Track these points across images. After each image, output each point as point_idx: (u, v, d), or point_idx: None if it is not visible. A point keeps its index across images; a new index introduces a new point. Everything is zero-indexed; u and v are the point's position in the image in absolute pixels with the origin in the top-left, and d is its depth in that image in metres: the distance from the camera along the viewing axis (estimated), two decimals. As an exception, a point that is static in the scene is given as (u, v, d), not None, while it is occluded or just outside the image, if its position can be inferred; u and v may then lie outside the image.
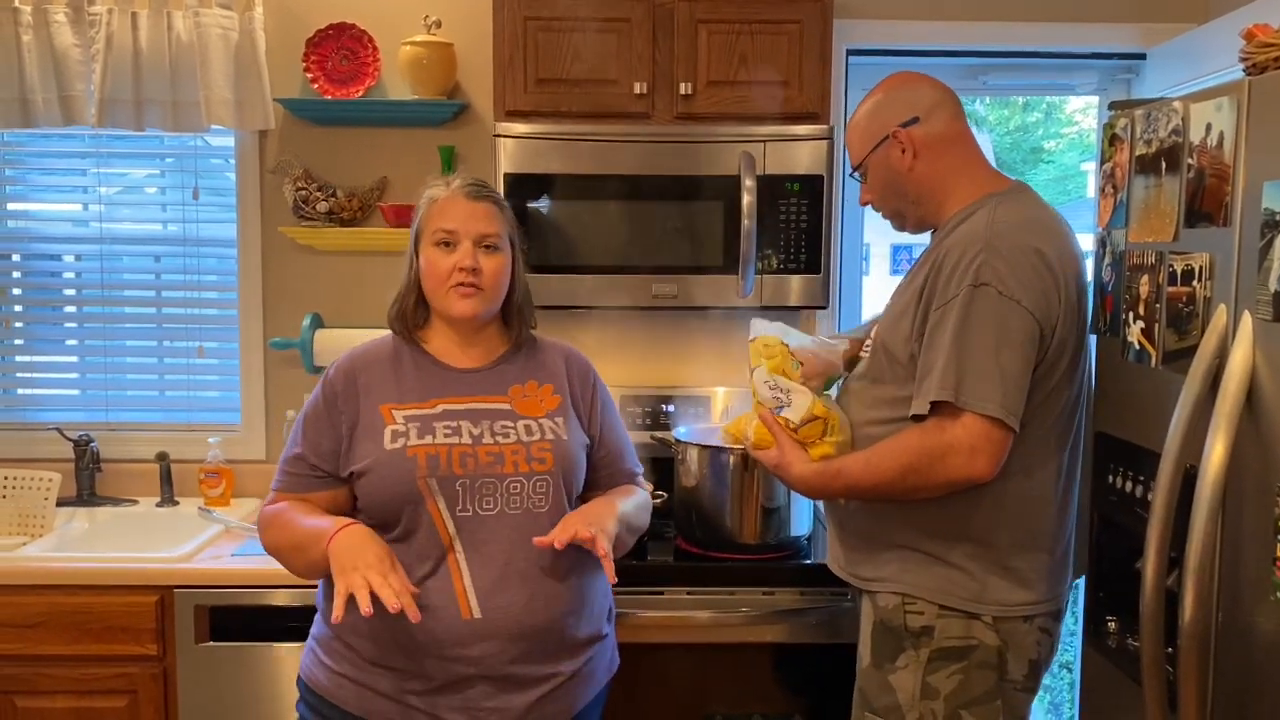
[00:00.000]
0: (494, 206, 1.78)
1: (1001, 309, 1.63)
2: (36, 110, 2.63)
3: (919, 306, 1.72)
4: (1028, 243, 1.68)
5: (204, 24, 2.62)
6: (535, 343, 1.89)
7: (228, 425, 2.89)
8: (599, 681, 1.82)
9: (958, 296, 1.65)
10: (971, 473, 1.64)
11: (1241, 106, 1.44)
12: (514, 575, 1.67)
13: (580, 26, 2.45)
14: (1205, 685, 1.48)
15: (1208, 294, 1.51)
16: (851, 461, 1.77)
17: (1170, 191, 1.62)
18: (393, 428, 1.71)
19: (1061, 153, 8.07)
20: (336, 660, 1.71)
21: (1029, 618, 1.74)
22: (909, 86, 1.86)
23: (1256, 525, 1.41)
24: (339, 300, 2.83)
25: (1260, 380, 1.41)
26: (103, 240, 2.89)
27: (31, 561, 2.34)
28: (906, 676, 1.76)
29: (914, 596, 1.76)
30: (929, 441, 1.66)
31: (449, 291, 1.74)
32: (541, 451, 1.73)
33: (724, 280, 2.47)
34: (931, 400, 1.65)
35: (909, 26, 2.80)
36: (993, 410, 1.61)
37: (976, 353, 1.63)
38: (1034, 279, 1.66)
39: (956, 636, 1.73)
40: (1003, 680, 1.74)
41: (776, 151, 2.45)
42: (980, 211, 1.75)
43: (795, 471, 1.82)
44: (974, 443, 1.62)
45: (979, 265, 1.65)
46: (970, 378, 1.62)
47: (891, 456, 1.70)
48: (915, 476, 1.67)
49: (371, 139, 2.79)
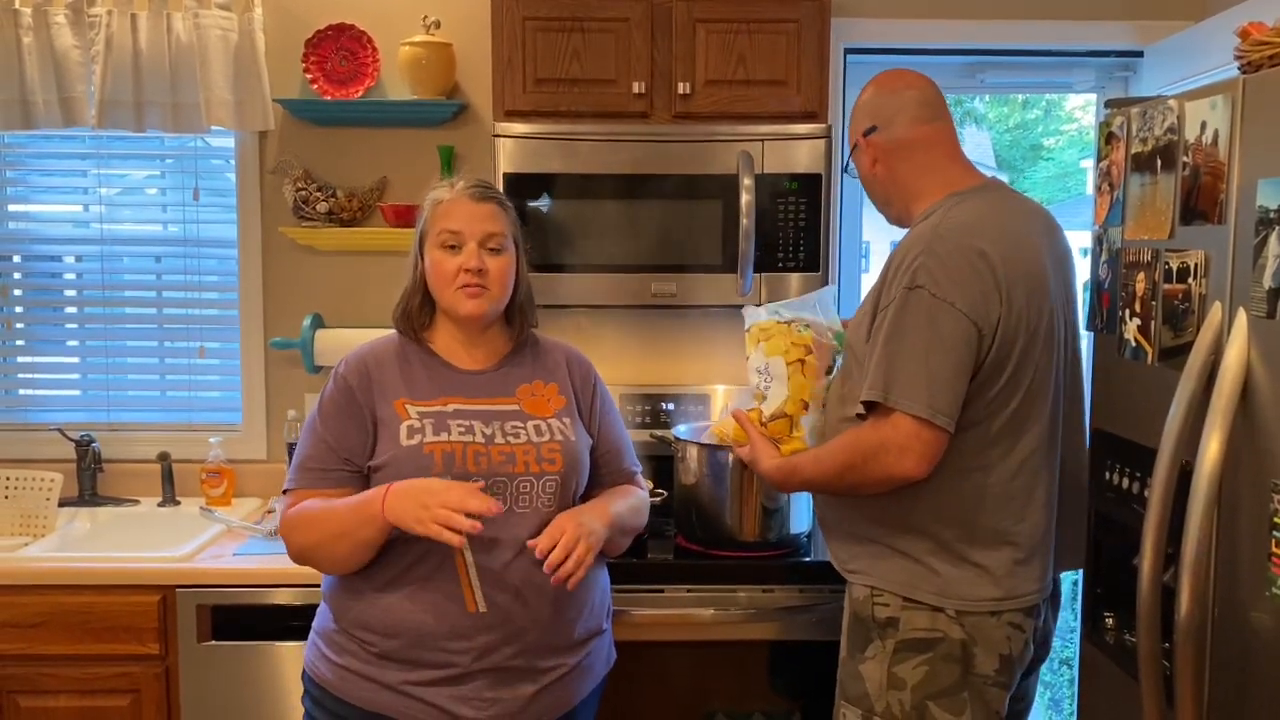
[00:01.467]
0: (498, 207, 1.80)
1: (934, 311, 1.67)
2: (37, 112, 2.63)
3: (874, 308, 1.78)
4: (969, 244, 1.70)
5: (203, 25, 2.63)
6: (537, 342, 1.91)
7: (229, 425, 2.90)
8: (598, 674, 1.85)
9: (894, 299, 1.71)
10: (901, 471, 1.68)
11: (1236, 104, 1.45)
12: (519, 572, 1.69)
13: (579, 26, 2.46)
14: (1202, 680, 1.49)
15: (1203, 291, 1.52)
16: (804, 458, 1.86)
17: (1166, 189, 1.62)
18: (408, 423, 1.73)
19: (1061, 150, 8.06)
20: (340, 654, 1.72)
21: (996, 613, 1.75)
22: (876, 93, 1.93)
23: (1252, 521, 1.42)
24: (339, 300, 2.83)
25: (1255, 376, 1.42)
26: (103, 241, 2.90)
27: (34, 562, 2.35)
28: (874, 666, 1.79)
29: (881, 589, 1.80)
30: (864, 440, 1.72)
31: (455, 292, 1.75)
32: (551, 452, 1.75)
33: (723, 279, 2.47)
34: (863, 400, 1.71)
35: (907, 25, 2.80)
36: (919, 410, 1.65)
37: (905, 355, 1.67)
38: (971, 280, 1.68)
39: (921, 629, 1.76)
40: (970, 674, 1.75)
41: (775, 150, 2.46)
42: (935, 213, 1.79)
43: (762, 466, 1.92)
44: (903, 442, 1.66)
45: (915, 268, 1.69)
46: (899, 379, 1.67)
47: (832, 454, 1.78)
48: (852, 473, 1.74)
49: (371, 139, 2.80)
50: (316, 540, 1.70)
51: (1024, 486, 1.77)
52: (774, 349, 1.94)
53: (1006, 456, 1.75)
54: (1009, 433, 1.75)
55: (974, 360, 1.69)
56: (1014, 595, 1.77)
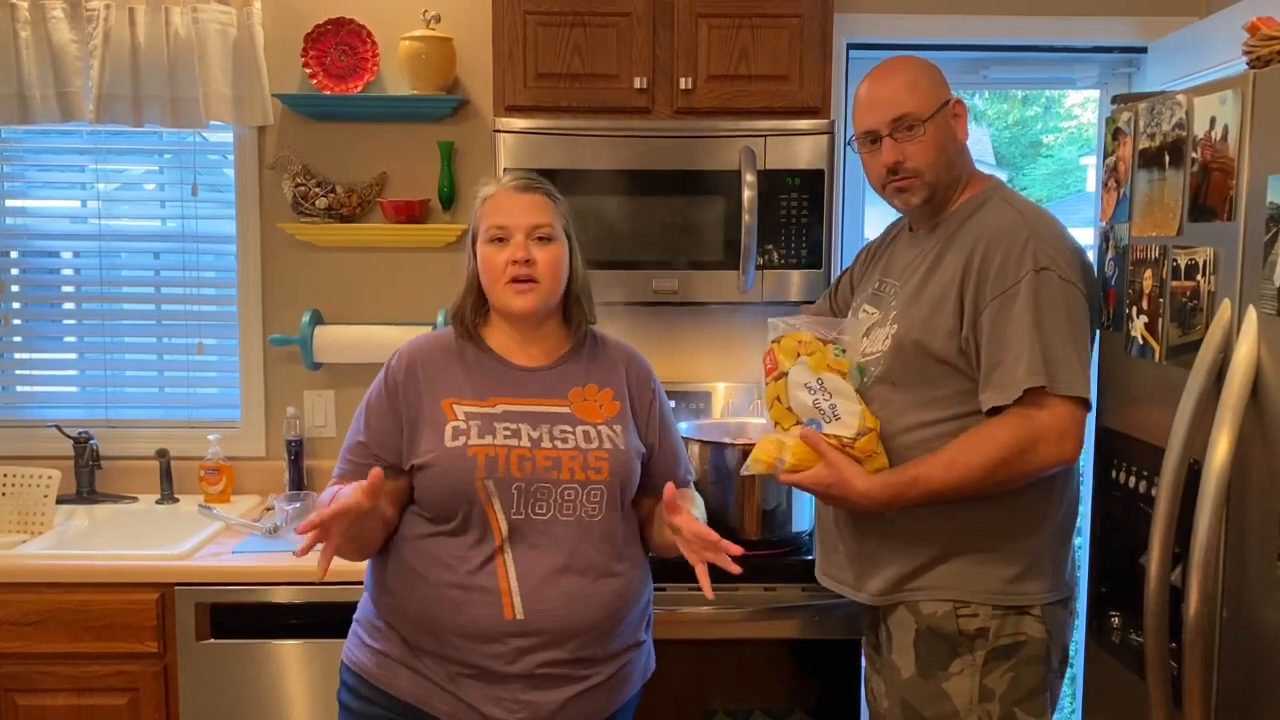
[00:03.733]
0: (545, 198, 1.78)
1: (1066, 292, 1.68)
2: (34, 106, 2.62)
3: (960, 299, 1.71)
4: (1058, 229, 1.74)
5: (202, 19, 2.61)
6: (598, 341, 1.87)
7: (227, 422, 2.88)
8: (634, 685, 1.81)
9: (1019, 283, 1.66)
10: (1062, 457, 1.66)
11: (1245, 100, 1.44)
12: (560, 581, 1.67)
13: (580, 21, 2.44)
14: (1210, 680, 1.48)
15: (1212, 289, 1.51)
16: (928, 467, 1.69)
17: (1174, 185, 1.61)
18: (454, 424, 1.71)
19: (1060, 147, 8.04)
20: (378, 639, 1.73)
21: (1065, 600, 1.79)
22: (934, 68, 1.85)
23: (1261, 520, 1.41)
24: (338, 296, 2.82)
25: (1265, 375, 1.40)
26: (101, 237, 2.88)
27: (31, 559, 2.34)
28: (962, 682, 1.74)
29: (966, 600, 1.75)
30: (1019, 432, 1.65)
31: (505, 287, 1.73)
32: (599, 461, 1.72)
33: (725, 275, 2.46)
34: (1025, 388, 1.64)
35: (910, 20, 2.79)
36: (1080, 391, 1.65)
37: (1055, 337, 1.65)
38: (1078, 262, 1.73)
39: (1009, 634, 1.74)
40: (1049, 672, 1.77)
41: (777, 146, 2.44)
42: (993, 201, 1.77)
43: (858, 487, 1.70)
44: (1063, 427, 1.64)
45: (1034, 250, 1.67)
46: (1055, 362, 1.64)
47: (980, 453, 1.66)
48: (1005, 469, 1.65)
49: (371, 134, 2.78)
50: None
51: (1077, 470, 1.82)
52: (819, 365, 1.80)
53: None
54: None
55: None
56: (1072, 580, 1.81)
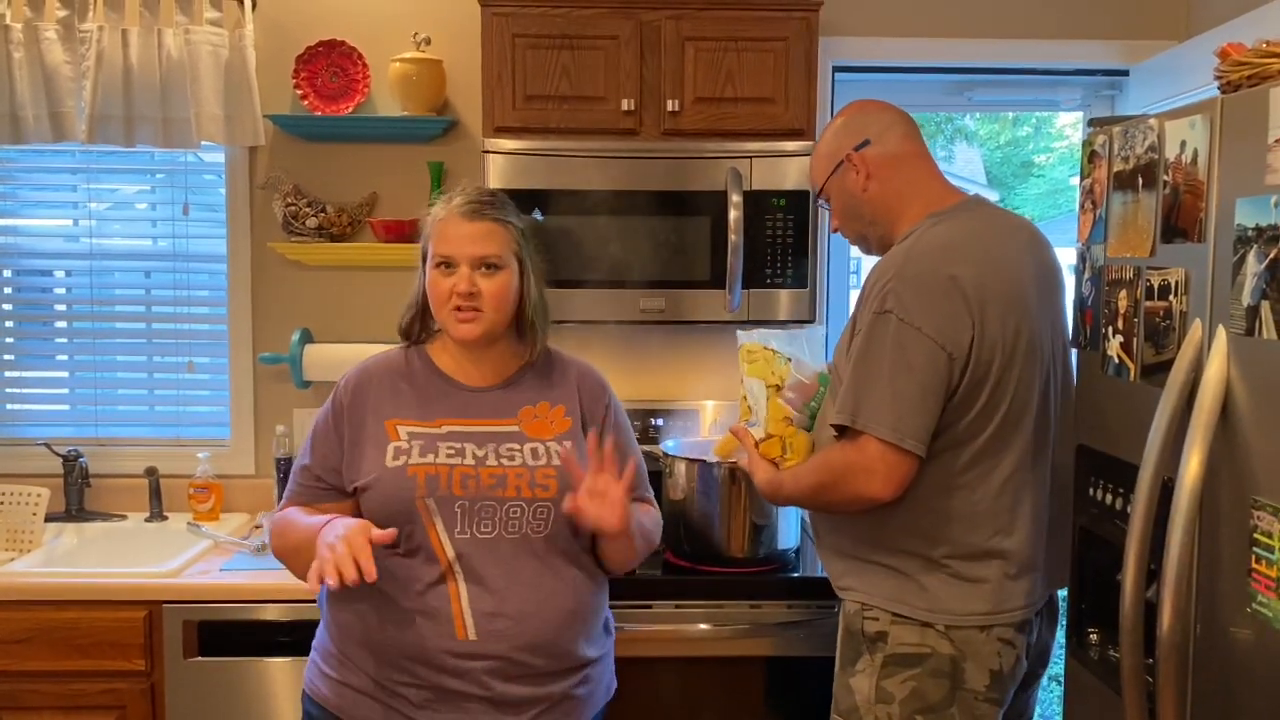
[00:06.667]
0: (495, 224, 1.74)
1: (901, 336, 1.69)
2: (27, 126, 2.64)
3: (851, 331, 1.80)
4: (940, 268, 1.73)
5: (194, 41, 2.64)
6: (551, 359, 1.87)
7: (217, 440, 2.89)
8: (596, 703, 1.82)
9: (865, 324, 1.73)
10: (869, 492, 1.71)
11: (1214, 124, 1.46)
12: (510, 600, 1.67)
13: (568, 44, 2.47)
14: (1184, 695, 1.49)
15: (1184, 309, 1.53)
16: (786, 475, 1.88)
17: (1147, 207, 1.64)
18: (396, 444, 1.72)
19: (1052, 167, 8.09)
20: (336, 668, 1.72)
21: (985, 628, 1.76)
22: (862, 112, 1.94)
23: (1232, 537, 1.42)
24: (328, 315, 2.84)
25: (1234, 393, 1.42)
26: (93, 256, 2.90)
27: (19, 577, 2.34)
28: (863, 680, 1.80)
29: (870, 604, 1.81)
30: (834, 461, 1.76)
31: (450, 314, 1.73)
32: (546, 478, 1.72)
33: (712, 295, 2.48)
34: (832, 423, 1.74)
35: (895, 44, 2.82)
36: (884, 434, 1.68)
37: (873, 379, 1.70)
38: (941, 305, 1.70)
39: (910, 644, 1.77)
40: (960, 689, 1.76)
41: (763, 167, 2.47)
42: (911, 236, 1.81)
43: (757, 479, 1.94)
44: (869, 464, 1.69)
45: (885, 293, 1.72)
46: (867, 402, 1.70)
47: (810, 473, 1.82)
48: (825, 492, 1.78)
49: (361, 155, 2.81)
50: (281, 549, 1.74)
51: (1011, 502, 1.78)
52: (755, 372, 1.96)
53: (991, 473, 1.77)
54: (993, 451, 1.76)
55: (945, 384, 1.71)
56: (1003, 610, 1.78)
